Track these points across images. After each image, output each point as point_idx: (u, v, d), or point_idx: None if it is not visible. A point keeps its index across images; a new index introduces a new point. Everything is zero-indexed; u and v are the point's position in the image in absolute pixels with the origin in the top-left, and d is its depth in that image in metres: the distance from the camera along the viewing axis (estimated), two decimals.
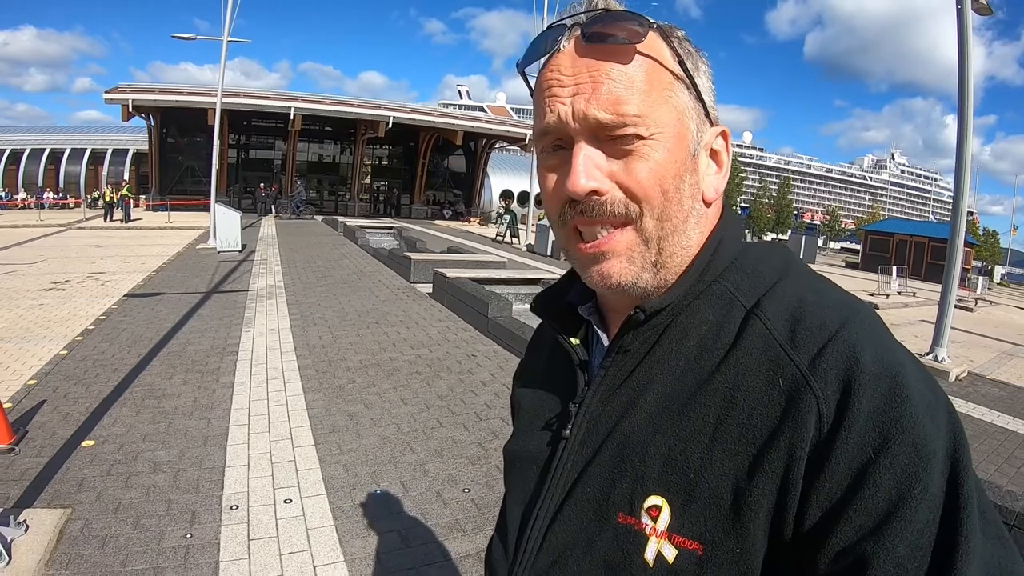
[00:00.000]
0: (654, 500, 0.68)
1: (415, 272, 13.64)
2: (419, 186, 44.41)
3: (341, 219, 29.37)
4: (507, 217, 28.76)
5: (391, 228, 27.94)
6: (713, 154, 0.79)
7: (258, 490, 4.04)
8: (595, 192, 0.72)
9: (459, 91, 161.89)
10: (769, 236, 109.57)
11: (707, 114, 0.77)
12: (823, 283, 0.75)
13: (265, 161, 42.81)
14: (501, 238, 28.13)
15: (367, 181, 46.02)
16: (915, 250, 43.88)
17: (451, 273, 11.68)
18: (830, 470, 0.60)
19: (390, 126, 38.03)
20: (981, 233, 75.45)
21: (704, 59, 0.78)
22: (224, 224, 17.39)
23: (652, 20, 0.74)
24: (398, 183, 46.11)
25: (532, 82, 0.80)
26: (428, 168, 44.89)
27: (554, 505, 0.78)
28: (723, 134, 0.79)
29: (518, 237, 27.86)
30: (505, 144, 48.26)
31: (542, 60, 0.77)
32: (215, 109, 21.17)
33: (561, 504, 0.77)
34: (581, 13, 0.74)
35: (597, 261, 0.76)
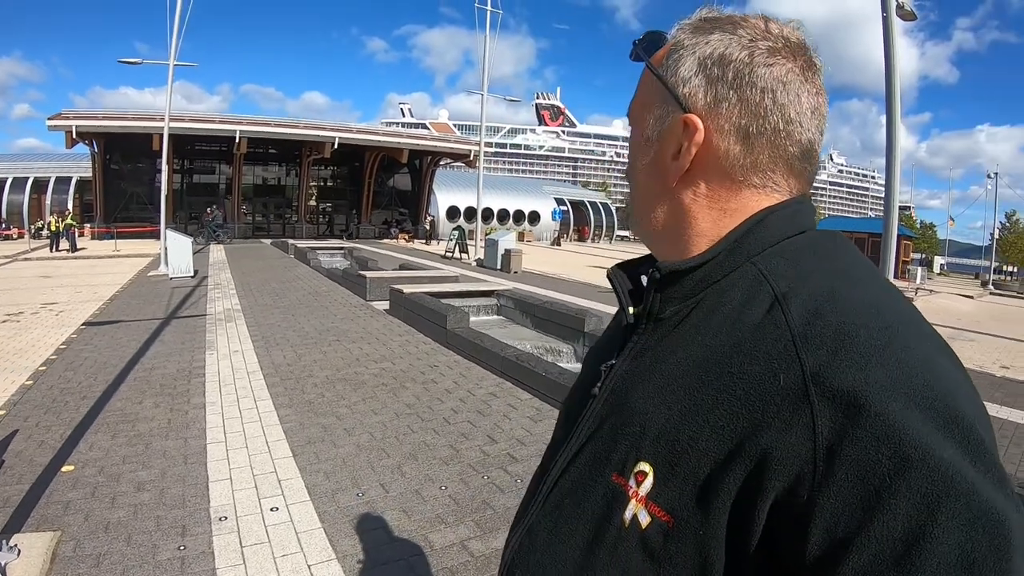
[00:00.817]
0: (643, 466, 0.70)
1: (371, 290, 13.69)
2: (366, 206, 43.99)
3: (291, 241, 29.13)
4: (455, 233, 28.83)
5: (341, 248, 27.87)
6: (676, 142, 0.81)
7: (244, 501, 4.10)
8: None
9: (401, 109, 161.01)
10: None
11: (679, 102, 0.80)
12: (869, 282, 0.72)
13: (210, 186, 41.65)
14: (450, 254, 28.14)
15: (313, 203, 45.39)
16: (856, 245, 45.17)
17: (407, 289, 11.79)
18: (824, 504, 0.57)
19: (336, 146, 37.62)
20: (919, 226, 77.47)
21: (693, 49, 0.80)
22: (176, 250, 17.08)
23: (668, 34, 0.86)
24: (345, 203, 45.60)
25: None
26: (374, 187, 44.57)
27: (571, 455, 0.83)
28: (683, 120, 0.79)
29: (467, 252, 27.92)
30: (450, 161, 48.15)
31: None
32: (161, 134, 20.49)
33: (575, 455, 0.82)
34: (645, 35, 0.89)
35: None
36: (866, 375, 0.58)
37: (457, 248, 28.09)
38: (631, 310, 0.86)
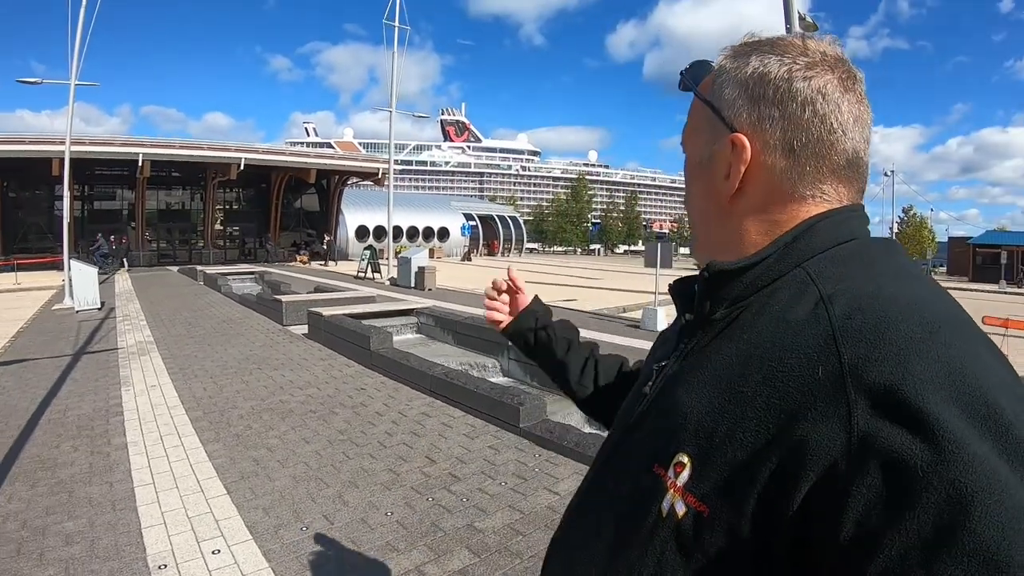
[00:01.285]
0: (681, 457, 0.71)
1: (287, 314, 13.38)
2: (274, 228, 42.94)
3: (199, 268, 28.16)
4: (367, 253, 28.47)
5: (252, 273, 27.19)
6: (725, 162, 0.83)
7: (182, 546, 3.87)
8: None
9: (306, 128, 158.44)
10: (621, 248, 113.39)
11: (725, 123, 0.83)
12: (915, 281, 0.72)
13: (112, 212, 39.52)
14: (363, 274, 27.76)
15: (220, 227, 43.97)
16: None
17: (326, 312, 11.55)
18: (858, 495, 0.57)
19: (242, 168, 36.59)
20: None
21: (735, 74, 0.83)
22: (81, 281, 16.07)
23: (713, 62, 0.90)
24: (252, 226, 44.35)
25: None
26: (282, 209, 43.58)
27: (615, 447, 0.91)
28: (731, 141, 0.82)
29: (380, 272, 27.60)
30: (358, 180, 47.61)
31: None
32: (61, 159, 19.06)
33: (619, 447, 0.90)
34: (692, 64, 0.95)
35: None
36: (905, 369, 0.59)
37: (369, 268, 27.74)
38: (687, 317, 0.89)
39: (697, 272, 0.93)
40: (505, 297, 1.52)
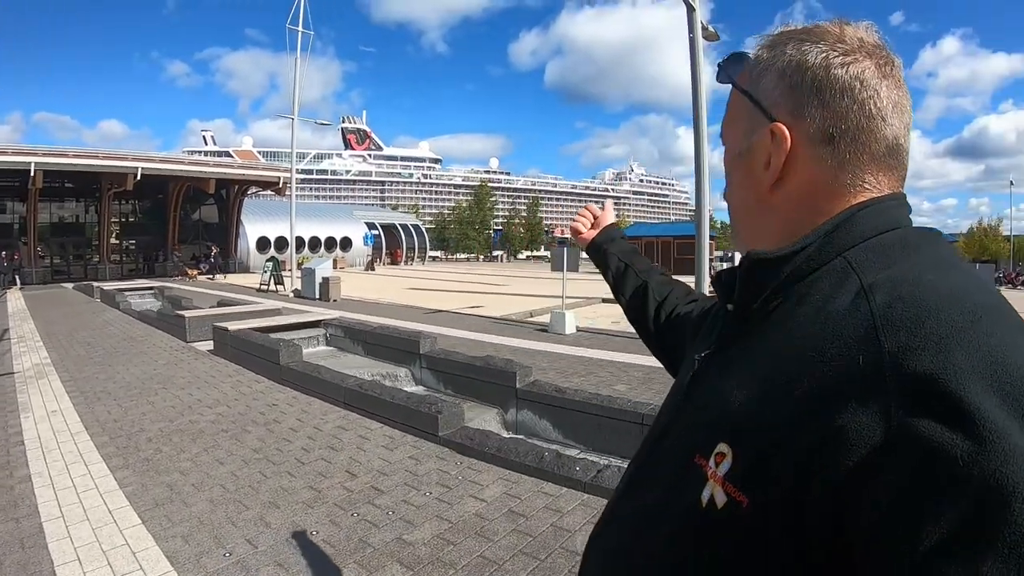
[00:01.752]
0: (722, 447, 0.71)
1: (191, 330, 12.85)
2: (172, 241, 41.19)
3: (95, 284, 26.71)
4: (269, 264, 27.74)
5: (151, 288, 26.14)
6: (765, 152, 0.83)
7: None
8: None
9: (204, 137, 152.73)
10: (524, 254, 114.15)
11: (764, 113, 0.83)
12: (957, 270, 0.71)
13: (3, 226, 36.94)
14: (265, 287, 27.02)
15: (116, 240, 41.84)
16: (663, 249, 48.59)
17: (232, 327, 11.19)
18: (894, 484, 0.56)
19: (138, 178, 34.90)
20: (719, 226, 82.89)
21: (774, 63, 0.83)
22: None
23: (750, 54, 0.89)
24: (150, 239, 42.41)
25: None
26: (180, 221, 41.88)
27: (657, 437, 0.91)
28: (770, 130, 0.81)
29: (283, 284, 26.94)
30: (258, 189, 46.25)
31: None
32: None
33: (661, 438, 0.89)
34: (729, 56, 0.94)
35: None
36: (945, 358, 0.58)
37: (272, 280, 27.05)
38: (729, 307, 0.89)
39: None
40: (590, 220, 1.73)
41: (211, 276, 37.59)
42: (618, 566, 0.86)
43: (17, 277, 31.64)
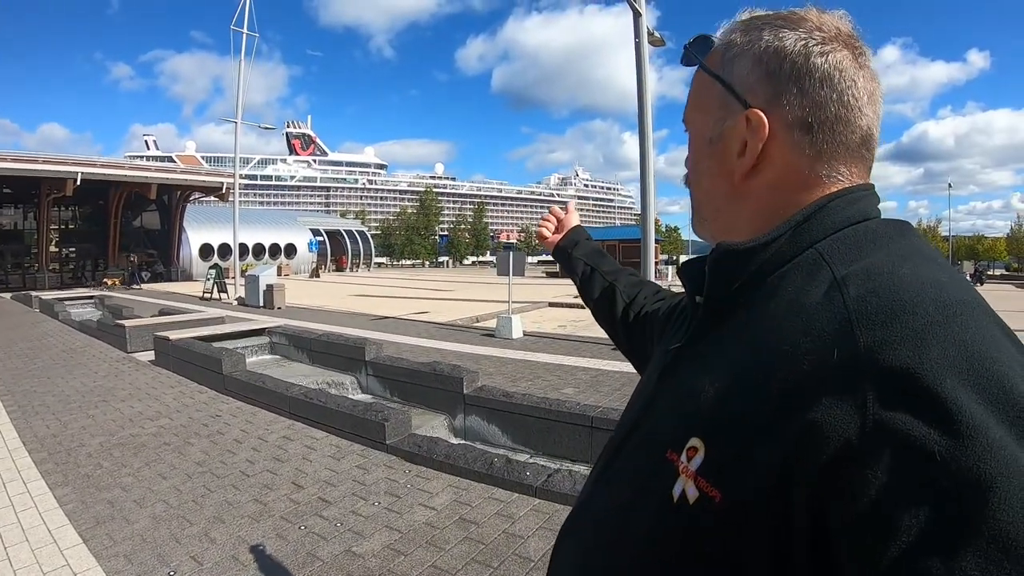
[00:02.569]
0: (694, 441, 0.69)
1: (132, 340, 12.53)
2: (113, 248, 39.94)
3: (34, 294, 25.81)
4: (211, 272, 27.19)
5: (91, 297, 25.43)
6: (739, 139, 0.81)
7: None
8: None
9: (146, 141, 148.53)
10: (470, 259, 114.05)
11: (739, 99, 0.81)
12: (928, 263, 0.70)
13: None
14: (209, 294, 26.47)
15: (55, 248, 40.40)
16: (609, 253, 49.86)
17: (173, 336, 10.95)
18: (872, 479, 0.55)
19: (78, 183, 33.82)
20: (664, 230, 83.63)
21: (748, 47, 0.81)
22: None
23: (715, 37, 0.88)
24: (90, 247, 41.06)
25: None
26: (121, 227, 40.67)
27: (627, 431, 0.87)
28: (746, 117, 0.79)
29: (226, 292, 26.41)
30: (200, 195, 45.24)
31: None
32: None
33: (632, 432, 0.86)
34: (695, 39, 0.91)
35: None
36: (921, 352, 0.57)
37: (216, 288, 26.51)
38: (697, 299, 0.87)
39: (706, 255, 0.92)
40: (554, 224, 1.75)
41: (128, 286, 35.28)
42: (594, 563, 0.84)
43: None
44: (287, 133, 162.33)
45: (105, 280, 37.11)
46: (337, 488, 5.11)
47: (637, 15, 11.75)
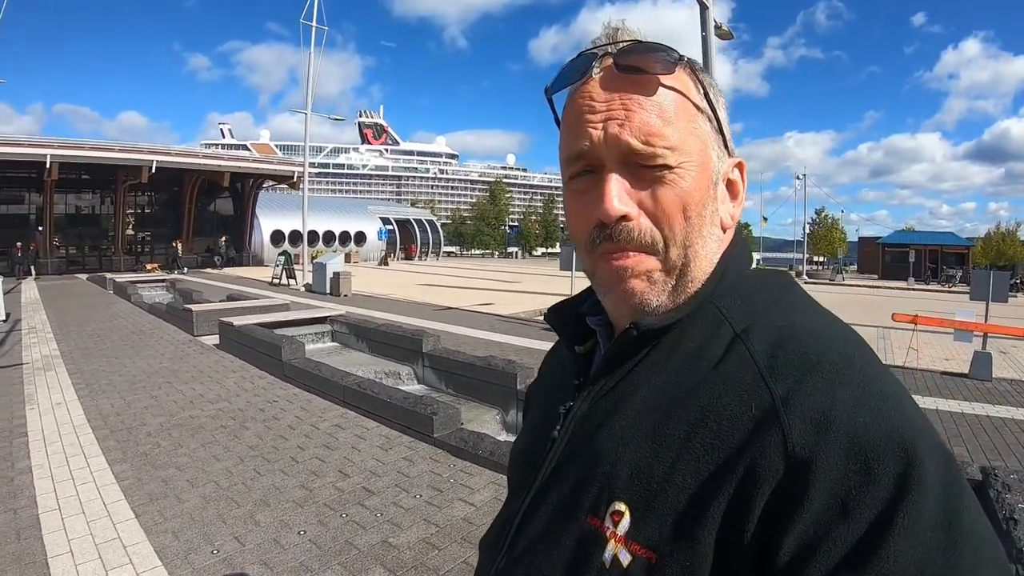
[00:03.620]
0: (618, 506, 0.69)
1: (198, 324, 12.99)
2: (187, 233, 41.30)
3: (109, 275, 26.96)
4: (281, 259, 27.91)
5: (163, 280, 26.32)
6: (729, 184, 0.82)
7: (89, 575, 3.78)
8: (625, 217, 0.74)
9: (221, 130, 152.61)
10: (539, 250, 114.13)
11: (726, 145, 0.81)
12: (819, 313, 0.76)
13: (19, 217, 36.83)
14: (277, 280, 27.19)
15: (131, 232, 42.05)
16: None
17: (237, 321, 11.32)
18: (796, 514, 0.60)
19: (153, 171, 35.02)
20: None
21: (720, 93, 0.81)
22: None
23: (679, 53, 0.78)
24: (165, 232, 42.55)
25: (558, 109, 0.82)
26: (195, 214, 41.99)
27: (536, 500, 0.81)
28: (739, 165, 0.82)
29: (295, 278, 27.08)
30: (273, 183, 46.45)
31: (569, 88, 0.80)
32: None
33: (542, 500, 0.80)
34: (611, 44, 0.77)
35: (621, 280, 0.77)
36: (833, 396, 0.62)
37: (284, 274, 27.21)
38: (578, 349, 0.88)
39: (571, 296, 0.96)
40: None
41: (170, 271, 34.94)
42: None
43: (32, 267, 31.83)
44: (359, 122, 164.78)
45: (146, 266, 37.64)
46: (381, 479, 5.25)
47: (704, 8, 11.63)
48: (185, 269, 35.80)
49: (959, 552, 0.58)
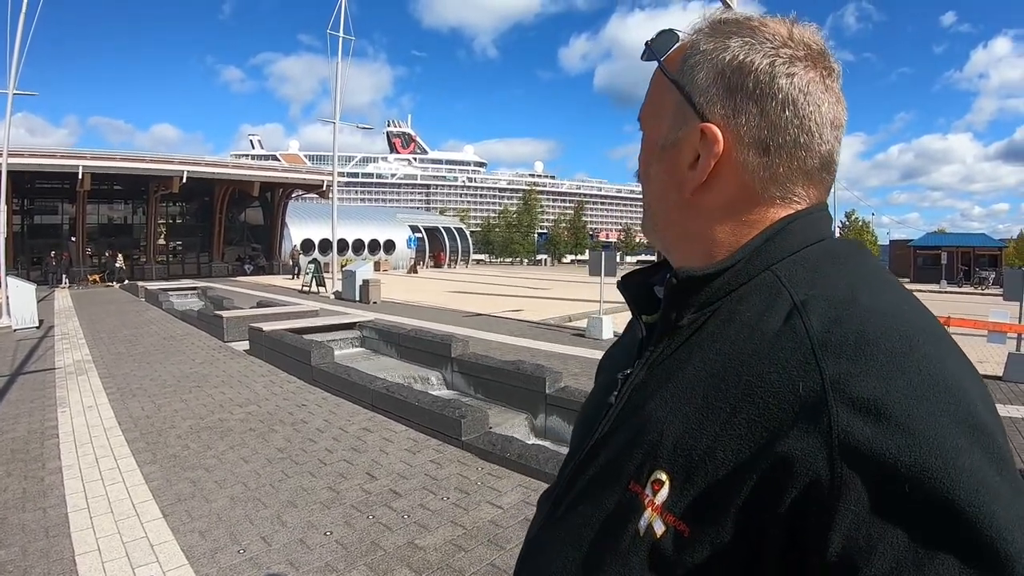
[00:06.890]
0: (659, 475, 0.68)
1: (229, 330, 13.15)
2: (217, 242, 42.03)
3: (140, 284, 27.45)
4: (311, 266, 28.20)
5: (195, 288, 26.68)
6: (692, 150, 0.78)
7: (116, 573, 3.76)
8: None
9: (251, 141, 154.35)
10: (569, 258, 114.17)
11: (696, 110, 0.77)
12: (890, 290, 0.70)
13: (52, 227, 37.93)
14: (307, 288, 27.47)
15: (163, 241, 42.75)
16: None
17: (267, 327, 11.41)
18: (839, 508, 0.56)
19: (184, 181, 35.68)
20: None
21: (711, 56, 0.77)
22: (19, 299, 15.58)
23: (681, 34, 0.83)
24: (196, 241, 43.25)
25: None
26: (225, 223, 42.64)
27: (586, 462, 0.81)
28: (701, 130, 0.76)
29: (324, 285, 27.33)
30: (302, 193, 46.99)
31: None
32: None
33: (590, 462, 0.81)
34: (659, 34, 0.86)
35: None
36: (887, 383, 0.58)
37: (314, 282, 27.48)
38: (644, 319, 0.87)
39: (646, 266, 0.94)
40: None
41: (108, 283, 33.91)
42: None
43: (65, 276, 32.40)
44: (388, 132, 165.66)
45: (88, 277, 35.35)
46: (409, 481, 5.24)
47: (727, 8, 11.55)
48: (126, 280, 34.45)
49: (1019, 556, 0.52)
